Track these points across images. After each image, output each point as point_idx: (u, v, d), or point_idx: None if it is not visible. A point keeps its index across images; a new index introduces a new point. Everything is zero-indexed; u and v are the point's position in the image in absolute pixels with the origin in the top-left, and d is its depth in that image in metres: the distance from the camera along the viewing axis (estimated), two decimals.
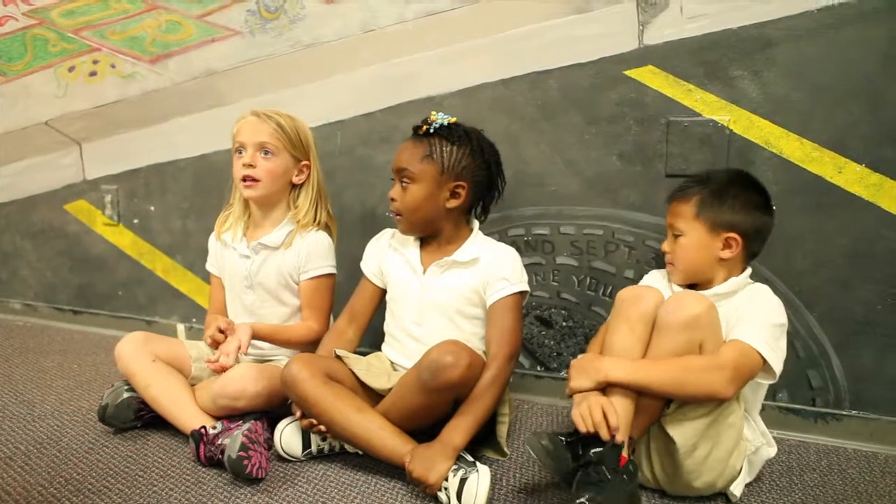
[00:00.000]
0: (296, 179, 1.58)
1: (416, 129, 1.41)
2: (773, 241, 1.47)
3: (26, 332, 2.39)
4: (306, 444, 1.38)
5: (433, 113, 1.41)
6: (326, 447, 1.39)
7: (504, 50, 1.67)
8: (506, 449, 1.39)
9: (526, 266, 1.70)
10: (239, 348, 1.37)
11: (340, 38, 1.86)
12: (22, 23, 2.35)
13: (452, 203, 1.40)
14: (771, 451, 1.29)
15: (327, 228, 1.62)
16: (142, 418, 1.52)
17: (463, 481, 1.17)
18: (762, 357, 1.16)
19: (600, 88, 1.59)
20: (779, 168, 1.47)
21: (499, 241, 1.48)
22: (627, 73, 1.56)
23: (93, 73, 2.26)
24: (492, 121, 1.68)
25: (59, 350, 2.16)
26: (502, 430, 1.39)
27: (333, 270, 1.59)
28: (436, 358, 1.25)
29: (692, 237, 1.27)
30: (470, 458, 1.24)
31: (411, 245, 1.47)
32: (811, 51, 1.41)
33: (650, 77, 1.55)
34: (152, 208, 2.23)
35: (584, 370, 1.19)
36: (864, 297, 1.44)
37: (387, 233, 1.55)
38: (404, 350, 1.47)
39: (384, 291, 1.53)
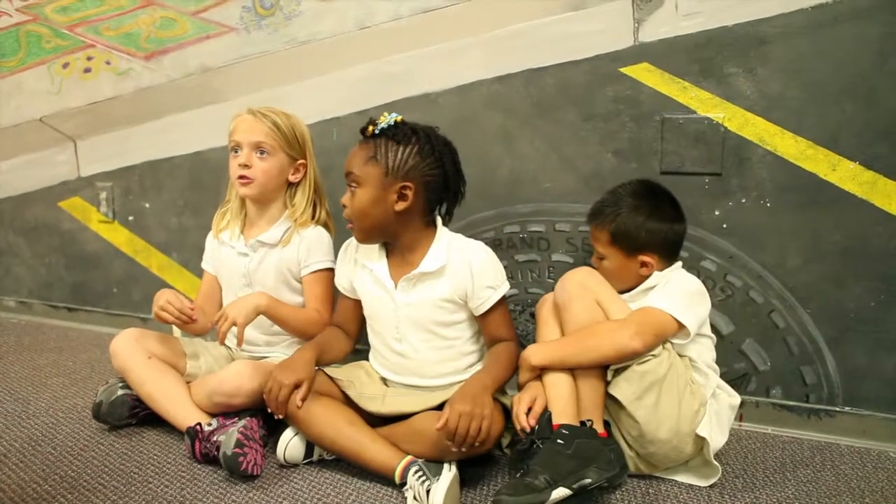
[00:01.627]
0: (292, 178, 1.58)
1: (363, 130, 1.35)
2: (767, 237, 1.49)
3: (21, 329, 2.38)
4: (308, 453, 1.37)
5: (384, 114, 1.34)
6: (331, 456, 1.38)
7: (499, 47, 1.67)
8: (506, 450, 1.38)
9: (521, 263, 1.71)
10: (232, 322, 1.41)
11: (336, 35, 1.85)
12: (16, 18, 2.34)
13: (400, 205, 1.31)
14: (734, 399, 1.31)
15: (326, 227, 1.62)
16: (136, 415, 1.52)
17: (428, 492, 1.17)
18: (672, 317, 1.24)
19: (595, 86, 1.59)
20: (773, 166, 1.47)
21: (494, 238, 1.46)
22: (623, 70, 1.56)
23: (87, 70, 2.25)
24: (487, 118, 1.69)
25: (54, 347, 2.16)
26: (503, 441, 1.36)
27: (333, 265, 1.59)
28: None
29: (612, 262, 1.36)
30: (436, 465, 1.23)
31: (376, 258, 1.40)
32: (805, 48, 1.42)
33: (645, 74, 1.55)
34: (147, 205, 2.23)
35: (519, 365, 1.33)
36: (858, 294, 1.45)
37: (352, 245, 1.48)
38: (389, 365, 1.44)
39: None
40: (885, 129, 1.39)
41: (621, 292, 1.35)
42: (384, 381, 1.46)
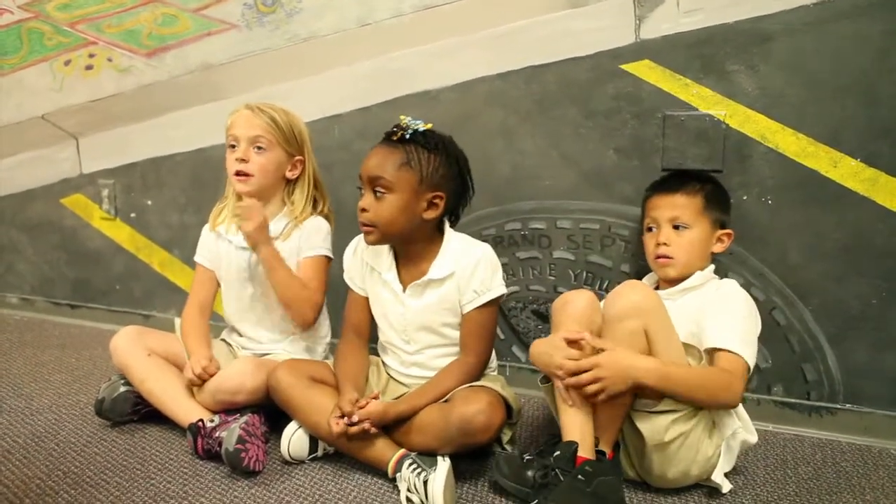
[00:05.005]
0: (289, 174, 1.57)
1: (390, 134, 1.30)
2: (768, 234, 1.49)
3: (23, 326, 2.39)
4: (313, 448, 1.37)
5: (403, 118, 1.31)
6: (332, 449, 1.38)
7: (500, 44, 1.66)
8: (507, 447, 1.38)
9: (522, 260, 1.71)
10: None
11: (337, 32, 1.85)
12: (17, 16, 2.34)
13: (430, 214, 1.30)
14: (751, 438, 1.27)
15: (327, 219, 1.61)
16: (139, 412, 1.53)
17: (425, 482, 1.18)
18: (742, 358, 1.20)
19: (597, 82, 1.59)
20: (774, 162, 1.47)
21: (495, 235, 1.45)
22: (624, 67, 1.56)
23: (89, 67, 2.25)
24: (488, 115, 1.69)
25: (57, 344, 2.17)
26: (504, 438, 1.37)
27: (330, 255, 1.58)
28: (469, 419, 1.21)
29: (697, 231, 1.33)
30: (429, 458, 1.24)
31: (386, 263, 1.38)
32: (807, 45, 1.42)
33: (647, 71, 1.55)
34: (149, 202, 2.23)
35: (620, 371, 1.14)
36: (859, 292, 1.45)
37: (359, 246, 1.45)
38: (401, 361, 1.43)
39: None
40: (887, 127, 1.38)
41: (675, 283, 1.33)
42: (390, 377, 1.47)
